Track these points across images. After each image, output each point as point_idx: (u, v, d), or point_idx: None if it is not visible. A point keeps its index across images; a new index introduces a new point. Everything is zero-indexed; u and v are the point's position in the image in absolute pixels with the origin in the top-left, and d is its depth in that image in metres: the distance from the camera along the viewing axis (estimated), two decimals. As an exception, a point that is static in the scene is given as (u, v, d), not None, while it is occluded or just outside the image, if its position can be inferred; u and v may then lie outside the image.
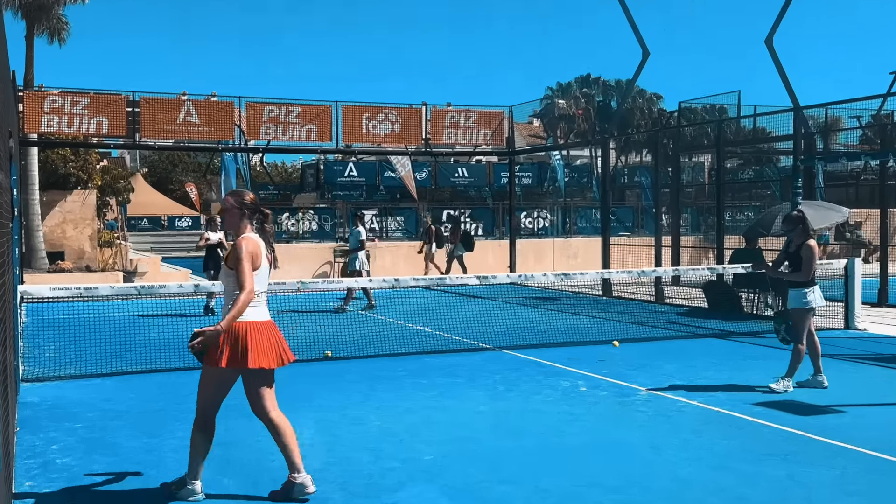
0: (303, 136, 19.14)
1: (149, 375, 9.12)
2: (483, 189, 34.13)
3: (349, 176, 31.05)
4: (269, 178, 40.71)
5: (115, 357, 9.97)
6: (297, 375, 9.02)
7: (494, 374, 9.13)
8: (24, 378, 8.83)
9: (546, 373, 9.20)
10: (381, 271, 21.05)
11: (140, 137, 18.32)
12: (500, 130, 21.21)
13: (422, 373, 9.21)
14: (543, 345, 11.14)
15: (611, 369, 9.31)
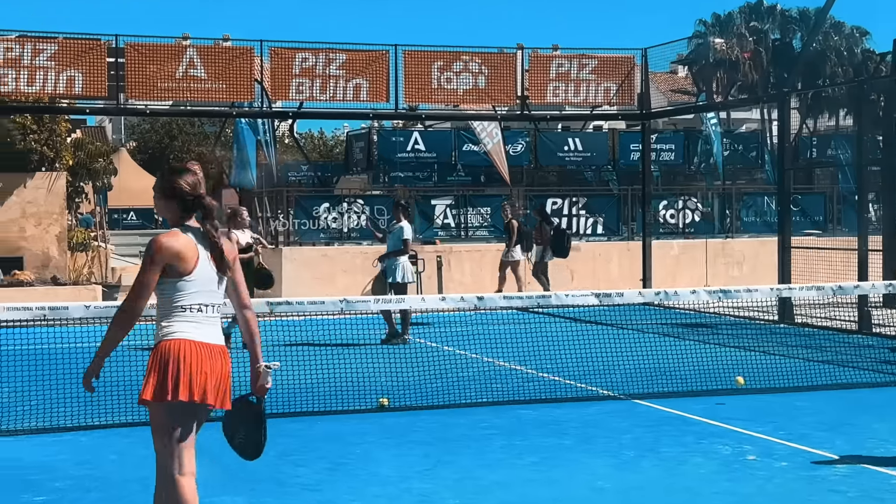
0: (349, 94, 19.37)
1: (137, 430, 9.32)
2: (604, 169, 33.93)
3: (413, 150, 31.27)
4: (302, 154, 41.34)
5: (92, 404, 10.23)
6: (341, 433, 9.13)
7: (621, 433, 9.05)
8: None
9: (697, 433, 9.08)
10: (458, 286, 21.12)
11: (125, 99, 18.81)
12: (630, 84, 21.04)
13: (516, 431, 9.19)
14: (692, 393, 11.01)
15: (791, 429, 9.14)
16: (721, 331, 16.68)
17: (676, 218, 25.61)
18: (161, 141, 62.77)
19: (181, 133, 62.02)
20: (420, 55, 19.76)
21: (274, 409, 10.10)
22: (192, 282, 5.28)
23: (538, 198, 24.85)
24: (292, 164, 39.81)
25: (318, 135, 66.53)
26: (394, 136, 31.76)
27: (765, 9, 54.55)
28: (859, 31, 54.06)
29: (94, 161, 24.06)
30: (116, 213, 45.59)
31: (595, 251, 23.14)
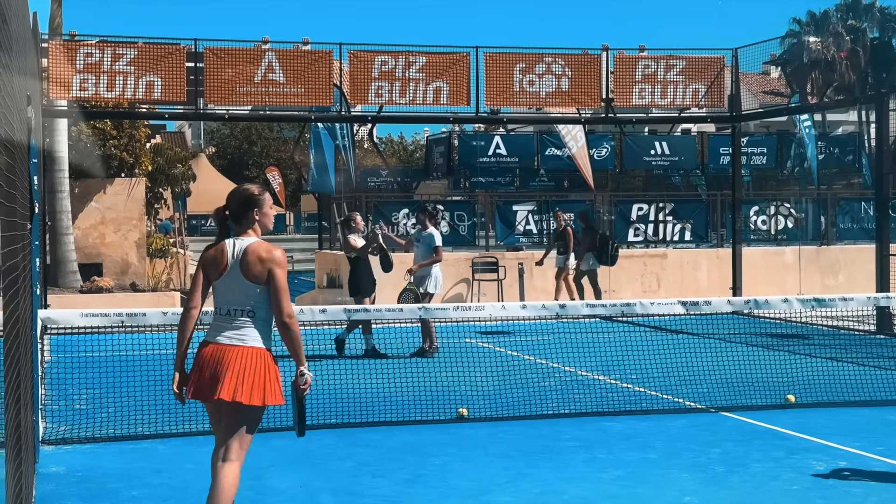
0: (429, 98, 19.45)
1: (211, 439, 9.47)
2: (693, 173, 33.58)
3: (495, 155, 31.27)
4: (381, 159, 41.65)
5: (170, 411, 10.41)
6: (420, 444, 9.16)
7: (709, 447, 8.95)
8: (44, 439, 9.38)
9: (789, 447, 8.95)
10: (541, 294, 21.06)
11: (205, 104, 19.11)
12: (719, 85, 20.80)
13: (599, 443, 9.15)
14: (784, 406, 10.86)
15: (889, 445, 8.98)
16: (814, 341, 16.39)
17: (768, 224, 25.25)
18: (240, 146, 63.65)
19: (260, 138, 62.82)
20: (501, 57, 19.77)
21: (351, 419, 10.20)
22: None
23: (624, 203, 24.68)
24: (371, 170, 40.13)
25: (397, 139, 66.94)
26: (475, 140, 31.81)
27: (863, 7, 53.55)
28: (965, 27, 52.81)
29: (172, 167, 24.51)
30: (195, 219, 46.36)
31: (683, 258, 22.92)
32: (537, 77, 19.83)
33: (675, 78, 20.54)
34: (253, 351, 6.00)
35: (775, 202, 25.59)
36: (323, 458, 8.69)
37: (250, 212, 6.11)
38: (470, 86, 19.46)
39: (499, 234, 23.68)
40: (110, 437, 9.49)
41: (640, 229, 23.82)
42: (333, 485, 7.80)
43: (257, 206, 6.12)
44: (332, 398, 10.97)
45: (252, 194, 6.15)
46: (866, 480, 7.85)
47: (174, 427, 9.81)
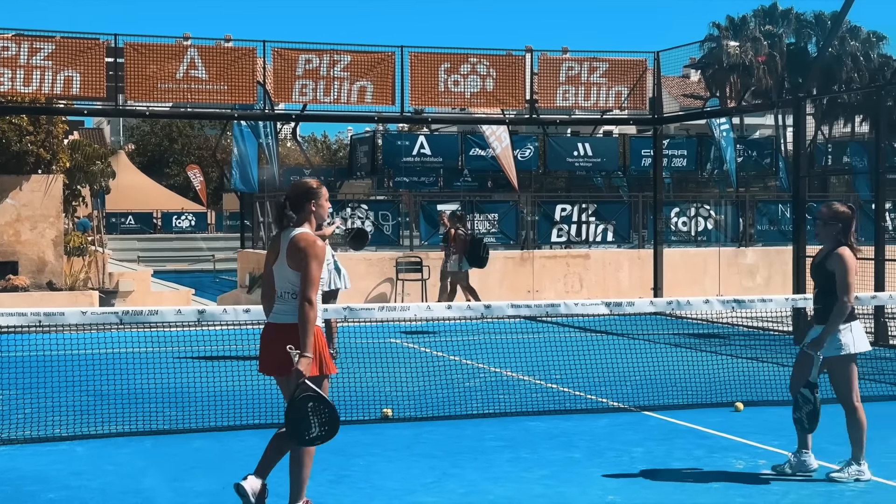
0: (353, 97, 19.38)
1: (135, 440, 9.33)
2: (615, 174, 33.88)
3: (419, 155, 31.25)
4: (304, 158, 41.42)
5: (88, 413, 10.23)
6: (344, 444, 9.11)
7: (632, 446, 9.03)
8: (-39, 440, 9.16)
9: (710, 446, 9.05)
10: (465, 294, 21.09)
11: (124, 100, 18.82)
12: (641, 88, 21.03)
13: (524, 443, 9.18)
14: (706, 405, 11.00)
15: (808, 444, 9.10)
16: (734, 341, 16.65)
17: (688, 225, 25.56)
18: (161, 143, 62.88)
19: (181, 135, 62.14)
20: (426, 57, 19.77)
21: (273, 420, 10.10)
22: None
23: (547, 204, 24.80)
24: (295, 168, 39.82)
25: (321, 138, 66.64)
26: (399, 140, 31.75)
27: (780, 12, 54.52)
28: (876, 35, 53.99)
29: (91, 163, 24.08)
30: (114, 217, 45.64)
31: (605, 259, 23.11)
32: (462, 77, 19.87)
33: (598, 80, 20.72)
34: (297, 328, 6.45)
35: (695, 204, 25.91)
36: (246, 458, 8.58)
37: (307, 203, 6.64)
38: (395, 85, 19.43)
39: (423, 233, 23.66)
40: (27, 439, 9.30)
41: (564, 230, 23.96)
42: (257, 486, 7.71)
43: (314, 198, 6.67)
44: (255, 398, 10.86)
45: (311, 187, 6.70)
46: (785, 478, 7.97)
47: (93, 428, 9.65)
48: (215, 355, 14.02)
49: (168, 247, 43.05)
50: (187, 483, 7.82)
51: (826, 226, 8.04)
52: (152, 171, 58.39)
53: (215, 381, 11.62)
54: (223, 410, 10.36)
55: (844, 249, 7.93)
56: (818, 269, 8.07)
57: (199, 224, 48.97)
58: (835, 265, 7.90)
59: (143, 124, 63.28)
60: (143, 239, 44.18)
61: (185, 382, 11.91)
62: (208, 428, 9.78)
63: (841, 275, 7.85)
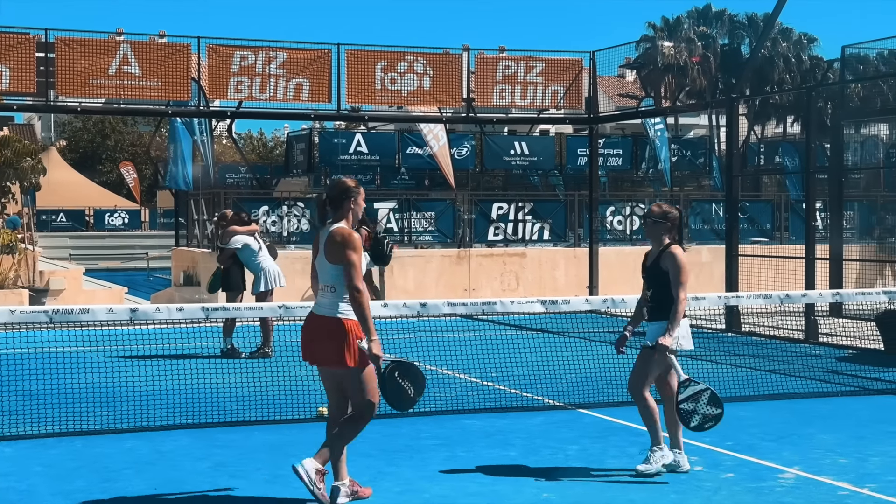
0: (289, 94, 19.28)
1: (65, 440, 9.20)
2: (551, 173, 34.07)
3: (356, 153, 31.17)
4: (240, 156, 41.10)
5: (16, 413, 10.07)
6: (280, 443, 9.06)
7: (567, 443, 9.07)
8: None
9: (643, 443, 9.11)
10: (402, 293, 21.08)
11: (56, 95, 18.55)
12: (577, 87, 21.16)
13: (459, 441, 9.18)
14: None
15: (738, 439, 9.23)
16: (668, 339, 16.78)
17: (624, 224, 25.77)
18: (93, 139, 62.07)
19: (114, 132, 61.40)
20: (363, 55, 19.73)
21: (209, 419, 10.02)
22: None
23: (484, 202, 24.87)
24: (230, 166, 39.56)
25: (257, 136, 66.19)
26: (336, 138, 31.63)
27: (713, 14, 55.16)
28: (807, 37, 54.85)
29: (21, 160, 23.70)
30: (45, 215, 44.94)
31: (541, 257, 23.22)
32: (399, 75, 19.86)
33: (535, 79, 20.82)
34: (336, 320, 6.93)
35: (630, 203, 26.13)
36: (178, 459, 8.52)
37: (346, 201, 7.01)
38: (331, 83, 19.37)
39: (359, 232, 23.62)
40: (-46, 441, 9.13)
41: (500, 228, 24.03)
42: (190, 486, 7.65)
43: (353, 196, 7.03)
44: (188, 398, 10.77)
45: (349, 187, 7.07)
46: (717, 473, 8.07)
47: (21, 429, 9.50)
48: (148, 354, 13.87)
49: (101, 245, 42.51)
50: (118, 484, 7.72)
51: (655, 224, 8.20)
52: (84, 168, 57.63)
53: (147, 381, 11.51)
54: (155, 410, 10.25)
55: (676, 248, 8.11)
56: (652, 269, 8.21)
57: (133, 222, 48.40)
58: (668, 264, 8.04)
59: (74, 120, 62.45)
60: (74, 236, 43.58)
61: (116, 382, 11.77)
62: (140, 428, 9.67)
63: (675, 272, 7.99)
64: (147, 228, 49.27)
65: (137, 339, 13.78)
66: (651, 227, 8.23)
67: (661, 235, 8.18)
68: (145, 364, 12.93)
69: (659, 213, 8.21)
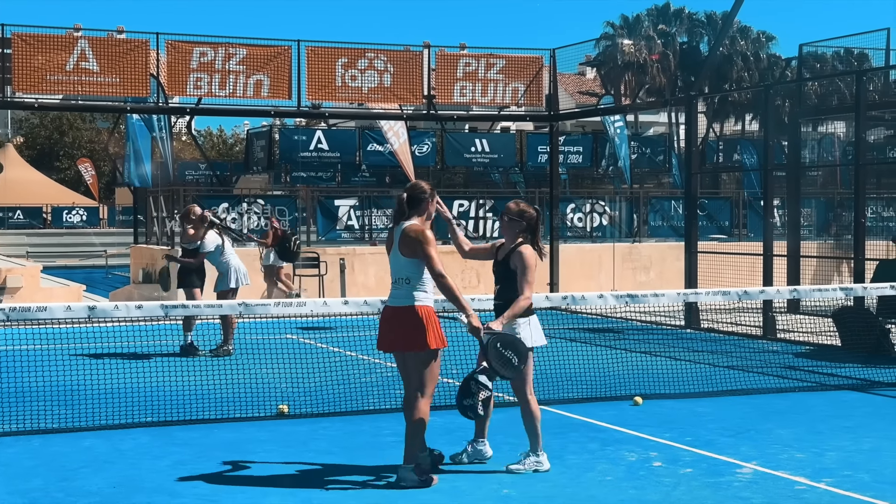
0: (249, 91, 19.20)
1: (22, 439, 9.12)
2: (512, 170, 34.17)
3: (316, 150, 31.11)
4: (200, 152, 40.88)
5: (-27, 412, 9.97)
6: (239, 441, 9.03)
7: (525, 439, 9.10)
8: None
9: (603, 439, 9.17)
10: (363, 290, 21.06)
11: (12, 91, 18.38)
12: (538, 85, 21.23)
13: (420, 438, 9.18)
14: (599, 398, 11.14)
15: (697, 435, 9.29)
16: (628, 336, 16.90)
17: (584, 221, 25.89)
18: (51, 136, 61.50)
19: (72, 128, 60.86)
20: (323, 51, 19.68)
21: (168, 417, 9.97)
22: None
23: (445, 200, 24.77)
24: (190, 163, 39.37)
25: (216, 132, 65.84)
26: (296, 135, 31.55)
27: (672, 12, 55.49)
28: (766, 35, 55.29)
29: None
30: (2, 212, 44.50)
31: (501, 254, 23.26)
32: (359, 72, 19.83)
33: (496, 76, 20.86)
34: (411, 308, 7.55)
35: (591, 200, 26.24)
36: (137, 457, 8.47)
37: (423, 202, 7.73)
38: (291, 80, 19.32)
39: (320, 229, 23.55)
40: None
41: (461, 225, 24.05)
42: (149, 485, 7.61)
43: (429, 198, 7.77)
44: (147, 396, 10.71)
45: (426, 189, 7.81)
46: (676, 469, 8.12)
47: (-21, 428, 9.41)
48: (106, 352, 13.77)
49: (58, 242, 42.13)
50: (77, 483, 7.66)
51: (511, 222, 8.22)
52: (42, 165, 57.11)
53: (106, 379, 11.42)
54: (114, 408, 10.18)
55: (526, 247, 8.12)
56: (501, 265, 8.26)
57: (91, 219, 48.00)
58: (517, 262, 8.08)
59: (31, 117, 61.84)
60: (32, 234, 43.17)
61: (75, 380, 11.67)
62: (99, 426, 9.60)
63: (521, 271, 8.04)
64: (105, 226, 48.89)
65: (96, 337, 13.68)
66: (507, 225, 8.23)
67: (515, 234, 8.19)
68: (104, 362, 12.83)
69: (515, 212, 8.23)
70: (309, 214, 24.47)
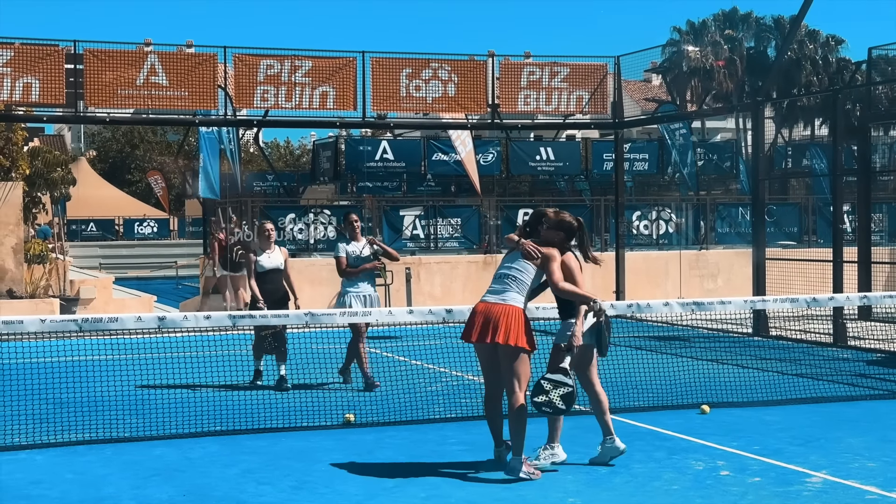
0: (315, 102, 19.36)
1: (95, 448, 9.28)
2: (577, 178, 34.06)
3: (382, 160, 31.27)
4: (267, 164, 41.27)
5: (47, 421, 10.16)
6: (306, 450, 9.12)
7: (593, 449, 9.07)
8: (-81, 450, 9.06)
9: (669, 448, 9.11)
10: (428, 299, 21.12)
11: (85, 106, 18.71)
12: (603, 92, 21.14)
13: (486, 447, 9.18)
14: (665, 407, 11.08)
15: (765, 444, 9.21)
16: (694, 344, 16.76)
17: (650, 229, 25.70)
18: (122, 150, 62.49)
19: (143, 142, 61.78)
20: (388, 62, 19.79)
21: (236, 426, 10.09)
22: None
23: (510, 208, 24.85)
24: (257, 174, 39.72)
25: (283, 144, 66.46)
26: (361, 145, 31.73)
27: (739, 17, 54.93)
28: (835, 39, 54.52)
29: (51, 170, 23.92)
30: (75, 224, 45.28)
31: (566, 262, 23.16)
32: (424, 82, 19.90)
33: (560, 84, 20.81)
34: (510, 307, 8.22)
35: (657, 207, 26.06)
36: (207, 466, 8.58)
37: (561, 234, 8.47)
38: (356, 90, 19.44)
39: (386, 238, 23.65)
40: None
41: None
42: (218, 493, 7.71)
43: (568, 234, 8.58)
44: (216, 405, 10.84)
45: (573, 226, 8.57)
46: (744, 478, 8.05)
47: (53, 437, 9.59)
48: (176, 362, 13.95)
49: (130, 253, 42.79)
50: (148, 490, 7.79)
51: (548, 230, 8.51)
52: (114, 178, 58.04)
53: (175, 388, 11.58)
54: (184, 417, 10.32)
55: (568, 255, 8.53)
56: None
57: (162, 230, 48.66)
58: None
59: (104, 130, 62.89)
60: (104, 246, 43.88)
61: (145, 390, 11.86)
62: (169, 435, 9.75)
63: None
64: (176, 237, 49.55)
65: (165, 347, 13.88)
66: (545, 233, 8.52)
67: (558, 242, 8.51)
68: (173, 372, 13.01)
69: (555, 222, 8.53)
70: (375, 224, 24.58)
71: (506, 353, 8.05)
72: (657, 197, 30.76)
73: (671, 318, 19.28)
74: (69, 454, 9.04)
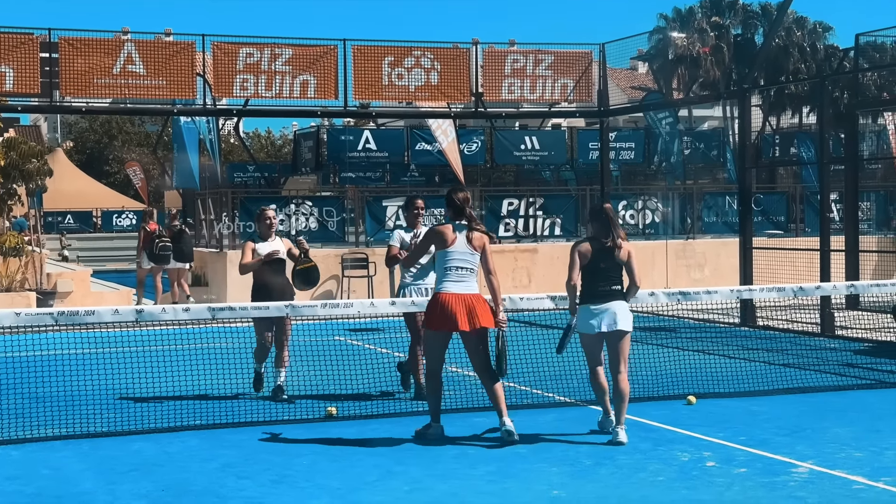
0: (296, 91, 19.34)
1: (72, 443, 9.25)
2: (562, 168, 34.08)
3: (364, 150, 31.20)
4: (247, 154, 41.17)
5: (23, 416, 10.13)
6: (287, 443, 9.11)
7: (578, 440, 9.10)
8: None
9: (655, 439, 9.14)
10: (412, 290, 21.09)
11: (60, 96, 18.63)
12: (588, 80, 21.17)
13: (469, 439, 9.21)
14: (651, 398, 11.10)
15: (751, 435, 9.24)
16: (681, 334, 16.81)
17: (636, 218, 25.72)
18: (100, 140, 62.24)
19: (121, 132, 61.54)
20: (370, 50, 19.77)
21: (216, 420, 10.08)
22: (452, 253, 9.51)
23: (494, 198, 24.84)
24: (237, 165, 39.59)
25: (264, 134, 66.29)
26: (343, 135, 31.63)
27: (726, 3, 54.99)
28: (822, 26, 54.63)
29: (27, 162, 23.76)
30: (52, 216, 45.09)
31: (553, 253, 23.20)
32: (406, 71, 19.89)
33: (544, 72, 20.83)
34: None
35: (643, 196, 26.09)
36: (185, 460, 8.57)
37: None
38: (338, 79, 19.43)
39: (368, 229, 23.64)
40: (-40, 445, 9.19)
41: (511, 224, 24.03)
42: (197, 487, 7.70)
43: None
44: (195, 399, 10.82)
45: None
46: (730, 468, 8.08)
47: (28, 432, 9.56)
48: (154, 356, 13.92)
49: (108, 246, 42.64)
50: (126, 486, 7.77)
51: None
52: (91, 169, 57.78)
53: (154, 382, 11.56)
54: (162, 412, 10.31)
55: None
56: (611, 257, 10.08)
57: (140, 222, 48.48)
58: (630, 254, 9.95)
59: (80, 121, 62.65)
60: (82, 238, 43.72)
61: (123, 384, 11.83)
62: (147, 430, 9.73)
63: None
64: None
65: (144, 340, 13.85)
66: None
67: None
68: (152, 366, 12.98)
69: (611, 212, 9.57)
70: (357, 215, 24.57)
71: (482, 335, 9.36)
72: (643, 186, 30.79)
73: (657, 308, 19.33)
74: (45, 449, 9.02)
